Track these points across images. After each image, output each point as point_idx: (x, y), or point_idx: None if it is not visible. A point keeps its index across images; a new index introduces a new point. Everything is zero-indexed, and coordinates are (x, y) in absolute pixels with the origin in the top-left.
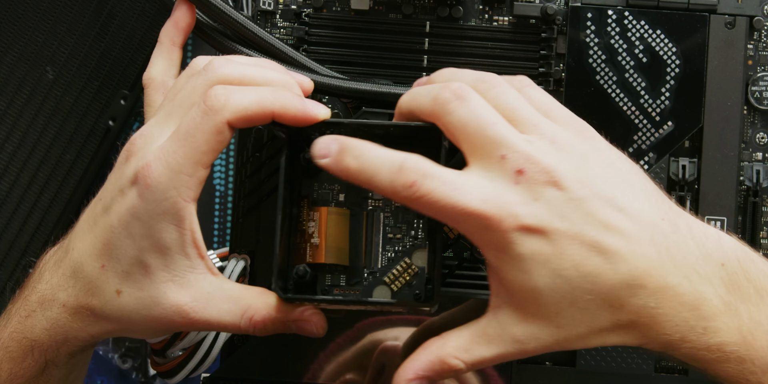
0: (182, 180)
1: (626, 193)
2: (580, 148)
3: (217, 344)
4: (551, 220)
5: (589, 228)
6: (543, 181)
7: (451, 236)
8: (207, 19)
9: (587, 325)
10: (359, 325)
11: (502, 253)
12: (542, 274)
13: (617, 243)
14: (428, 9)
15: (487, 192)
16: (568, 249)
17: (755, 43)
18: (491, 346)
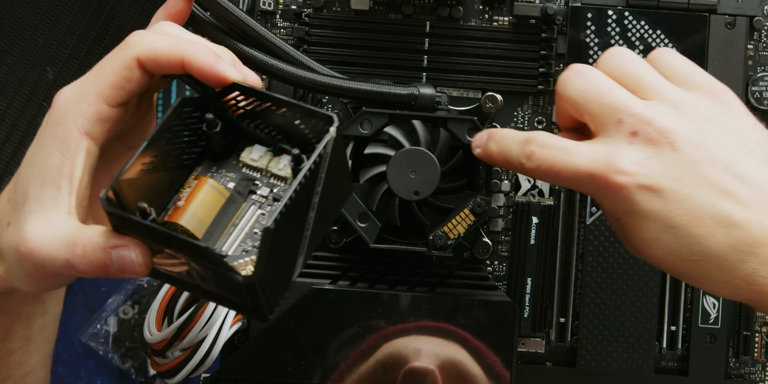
0: (81, 108)
1: (749, 162)
2: (706, 112)
3: (217, 344)
4: (663, 178)
5: (702, 190)
6: (657, 141)
7: (451, 236)
8: (207, 17)
9: (696, 280)
10: (374, 335)
11: (617, 207)
12: (651, 230)
13: (731, 208)
14: (428, 9)
15: (599, 153)
16: (678, 209)
17: (755, 43)
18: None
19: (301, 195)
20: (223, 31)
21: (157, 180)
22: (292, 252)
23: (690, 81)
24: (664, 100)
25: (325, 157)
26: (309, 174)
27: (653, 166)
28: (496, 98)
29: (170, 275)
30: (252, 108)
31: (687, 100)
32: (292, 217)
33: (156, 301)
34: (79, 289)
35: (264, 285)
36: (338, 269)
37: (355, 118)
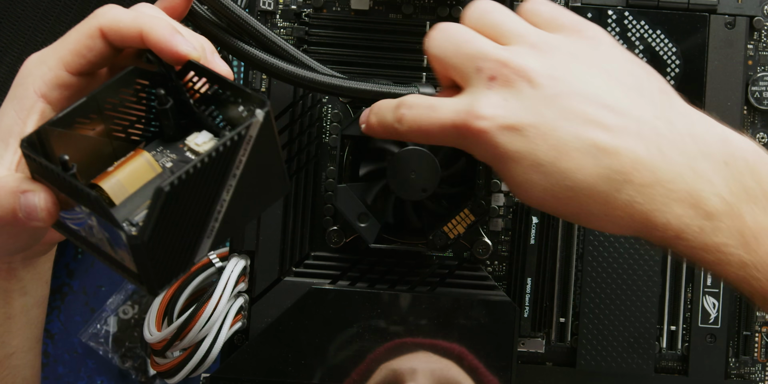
0: (41, 71)
1: (614, 91)
2: (568, 49)
3: (217, 344)
4: (523, 117)
5: (565, 123)
6: (514, 81)
7: (451, 236)
8: (208, 14)
9: (578, 217)
10: (372, 356)
11: (485, 154)
12: (520, 171)
13: (598, 136)
14: (428, 9)
15: (460, 104)
16: (542, 145)
17: (755, 43)
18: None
19: (212, 170)
20: (223, 29)
21: (97, 145)
22: (194, 229)
23: (555, 24)
24: (523, 43)
25: (248, 140)
26: (224, 150)
27: (512, 106)
28: None
29: (75, 232)
30: (205, 91)
31: (547, 39)
32: (198, 189)
33: (156, 301)
34: (79, 289)
35: (153, 251)
36: (338, 269)
37: (355, 117)
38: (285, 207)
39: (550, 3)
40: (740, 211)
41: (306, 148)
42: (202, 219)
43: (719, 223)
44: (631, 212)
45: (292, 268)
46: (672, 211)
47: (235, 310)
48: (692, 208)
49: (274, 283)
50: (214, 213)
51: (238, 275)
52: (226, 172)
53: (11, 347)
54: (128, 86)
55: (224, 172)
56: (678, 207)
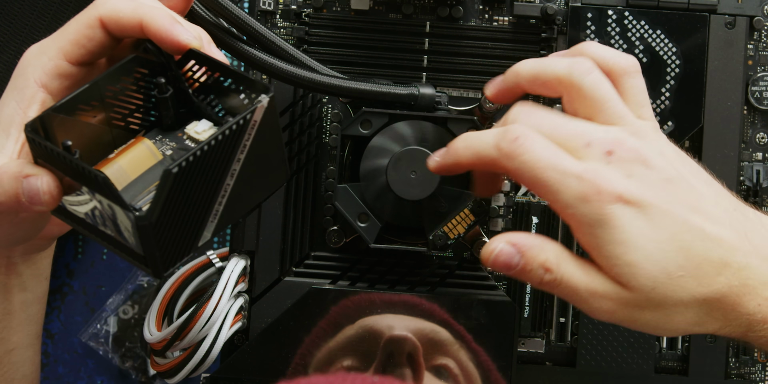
0: (41, 61)
1: (701, 183)
2: (657, 143)
3: (217, 344)
4: (646, 194)
5: (679, 206)
6: (632, 159)
7: (451, 236)
8: (208, 14)
9: (678, 300)
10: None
11: (599, 226)
12: (639, 246)
13: (704, 223)
14: (428, 9)
15: (584, 166)
16: (663, 222)
17: (755, 43)
18: (584, 279)
19: (218, 154)
20: (223, 30)
21: (97, 133)
22: (199, 213)
23: (642, 112)
24: (623, 126)
25: (253, 125)
26: (230, 134)
27: (636, 183)
28: None
29: (76, 216)
30: (206, 79)
31: (643, 129)
32: (203, 173)
33: (156, 301)
34: (79, 289)
35: (159, 233)
36: (338, 269)
37: (355, 117)
38: (285, 207)
39: (641, 80)
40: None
41: (306, 148)
42: (207, 203)
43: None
44: (726, 294)
45: (292, 268)
46: (762, 294)
47: (235, 310)
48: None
49: (274, 283)
50: (218, 197)
51: (238, 275)
52: (230, 156)
53: (11, 343)
54: (129, 74)
55: (229, 156)
56: (763, 289)
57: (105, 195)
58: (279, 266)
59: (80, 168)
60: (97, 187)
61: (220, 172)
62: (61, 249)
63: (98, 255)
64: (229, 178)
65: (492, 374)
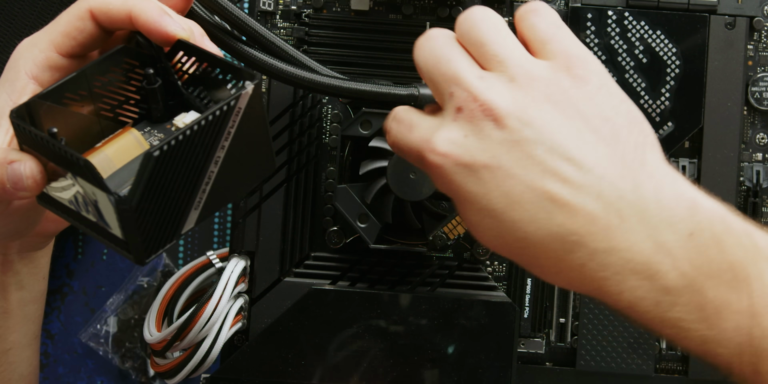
0: (33, 53)
1: (585, 143)
2: (549, 87)
3: (216, 345)
4: (480, 156)
5: (523, 171)
6: (480, 117)
7: (451, 237)
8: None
9: (531, 269)
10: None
11: (443, 189)
12: (473, 212)
13: (555, 189)
14: (428, 9)
15: (427, 129)
16: (495, 189)
17: (755, 43)
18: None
19: (201, 140)
20: (223, 30)
21: (85, 123)
22: (182, 200)
23: (548, 49)
24: (502, 72)
25: (237, 111)
26: (213, 119)
27: (470, 145)
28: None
29: (60, 203)
30: (195, 69)
31: (529, 72)
32: (186, 159)
33: (156, 302)
34: (79, 290)
35: (140, 218)
36: (338, 270)
37: (355, 118)
38: (285, 207)
39: (551, 16)
40: (701, 285)
41: (306, 149)
42: (190, 190)
43: (677, 298)
44: (583, 275)
45: (292, 269)
46: (625, 281)
47: (235, 311)
48: (648, 280)
49: (274, 283)
50: (202, 184)
51: (238, 276)
52: (214, 143)
53: (8, 343)
54: (117, 65)
55: (213, 143)
56: (632, 278)
57: (87, 179)
58: (279, 267)
59: (63, 152)
60: (79, 171)
61: (203, 158)
62: (61, 249)
63: (98, 255)
64: (213, 166)
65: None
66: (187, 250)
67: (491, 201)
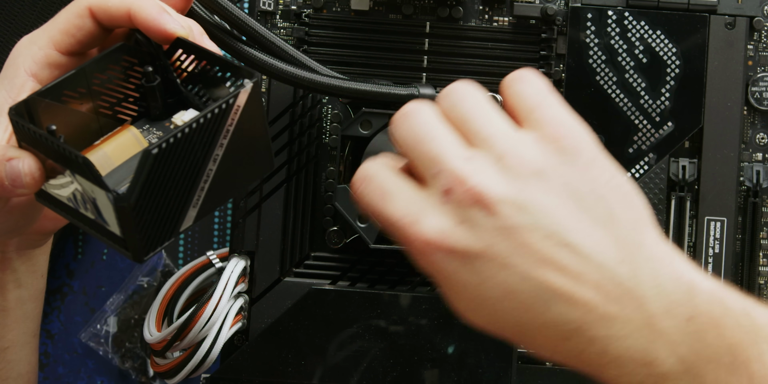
0: (32, 51)
1: (581, 227)
2: (537, 164)
3: (216, 345)
4: (474, 246)
5: (520, 261)
6: (469, 203)
7: None
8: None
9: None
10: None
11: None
12: (464, 300)
13: (554, 279)
14: (428, 9)
15: (411, 207)
16: (490, 280)
17: (755, 43)
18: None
19: (200, 137)
20: (223, 30)
21: (84, 121)
22: (180, 197)
23: (533, 118)
24: (488, 150)
25: (236, 109)
26: (212, 117)
27: (462, 234)
28: (496, 99)
29: (58, 201)
30: (194, 68)
31: (516, 149)
32: (185, 157)
33: (156, 301)
34: (79, 290)
35: (138, 216)
36: (338, 269)
37: (355, 118)
38: (285, 207)
39: (538, 83)
40: (699, 370)
41: (306, 149)
42: (188, 187)
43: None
44: (581, 360)
45: (292, 269)
46: (624, 367)
47: (235, 311)
48: (646, 367)
49: (274, 283)
50: (200, 182)
51: (238, 276)
52: (213, 140)
53: (6, 341)
54: (116, 63)
55: (211, 140)
56: (631, 365)
57: (86, 177)
58: (279, 267)
59: (61, 149)
60: (78, 169)
61: (202, 156)
62: (61, 249)
63: (98, 255)
64: (211, 164)
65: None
66: (187, 250)
67: (485, 291)
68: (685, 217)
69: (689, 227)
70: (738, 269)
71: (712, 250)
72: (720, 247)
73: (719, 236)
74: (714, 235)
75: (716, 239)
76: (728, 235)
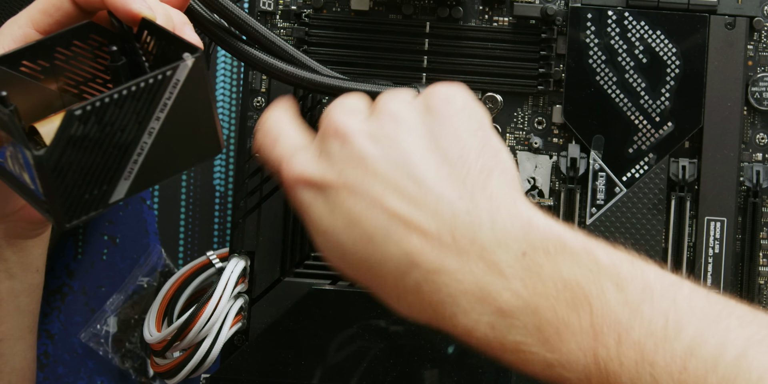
0: (12, 29)
1: (430, 163)
2: (407, 110)
3: (216, 345)
4: (326, 173)
5: (367, 188)
6: (330, 135)
7: None
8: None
9: (377, 294)
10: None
11: (294, 205)
12: (318, 233)
13: (397, 206)
14: (428, 9)
15: (290, 149)
16: (338, 209)
17: (755, 43)
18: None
19: (133, 105)
20: (223, 29)
21: (46, 96)
22: (110, 167)
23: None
24: (371, 111)
25: (174, 83)
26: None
27: (318, 165)
28: (495, 99)
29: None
30: (156, 49)
31: (387, 104)
32: (115, 122)
33: (156, 301)
34: (79, 290)
35: (59, 177)
36: None
37: None
38: (285, 207)
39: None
40: (537, 306)
41: None
42: (119, 157)
43: (514, 320)
44: (420, 300)
45: (292, 269)
46: (459, 304)
47: (235, 311)
48: (481, 302)
49: (274, 283)
50: (134, 154)
51: (238, 276)
52: (148, 112)
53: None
54: (83, 40)
55: (146, 111)
56: (465, 300)
57: (12, 135)
58: (279, 267)
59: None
60: (4, 126)
61: (136, 126)
62: (61, 249)
63: (98, 255)
64: (146, 136)
65: None
66: (187, 250)
67: (333, 221)
68: (685, 217)
69: (689, 227)
70: (738, 269)
71: (712, 250)
72: (720, 247)
73: (719, 236)
74: (714, 235)
75: (716, 239)
76: (728, 235)
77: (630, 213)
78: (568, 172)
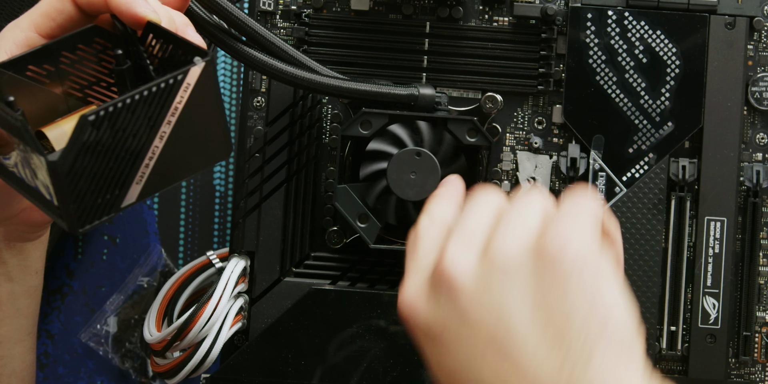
0: (14, 33)
1: (531, 331)
2: (509, 265)
3: (216, 345)
4: (430, 324)
5: (465, 351)
6: (437, 277)
7: None
8: (207, 15)
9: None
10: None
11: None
12: (432, 364)
13: (489, 380)
14: (428, 9)
15: (418, 261)
16: (444, 356)
17: (755, 43)
18: None
19: (144, 110)
20: (222, 30)
21: (52, 99)
22: (122, 172)
23: (550, 228)
24: (487, 249)
25: (185, 87)
26: (158, 91)
27: (428, 308)
28: (496, 99)
29: (7, 170)
30: (162, 52)
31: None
32: (128, 127)
33: (156, 301)
34: (79, 290)
35: (73, 182)
36: (338, 270)
37: (355, 118)
38: (285, 207)
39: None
40: None
41: (306, 149)
42: (131, 162)
43: None
44: None
45: (292, 269)
46: None
47: (235, 311)
48: None
49: (274, 283)
50: (145, 158)
51: (238, 276)
52: (159, 116)
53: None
54: (87, 44)
55: (158, 115)
56: None
57: (24, 141)
58: (279, 267)
59: (4, 113)
60: (17, 133)
61: (147, 131)
62: (61, 249)
63: (98, 255)
64: (158, 140)
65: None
66: (187, 250)
67: (440, 364)
68: (685, 217)
69: (689, 227)
70: (738, 269)
71: (712, 250)
72: (720, 247)
73: (719, 236)
74: (714, 235)
75: (716, 239)
76: (728, 235)
77: (630, 213)
78: (568, 172)
